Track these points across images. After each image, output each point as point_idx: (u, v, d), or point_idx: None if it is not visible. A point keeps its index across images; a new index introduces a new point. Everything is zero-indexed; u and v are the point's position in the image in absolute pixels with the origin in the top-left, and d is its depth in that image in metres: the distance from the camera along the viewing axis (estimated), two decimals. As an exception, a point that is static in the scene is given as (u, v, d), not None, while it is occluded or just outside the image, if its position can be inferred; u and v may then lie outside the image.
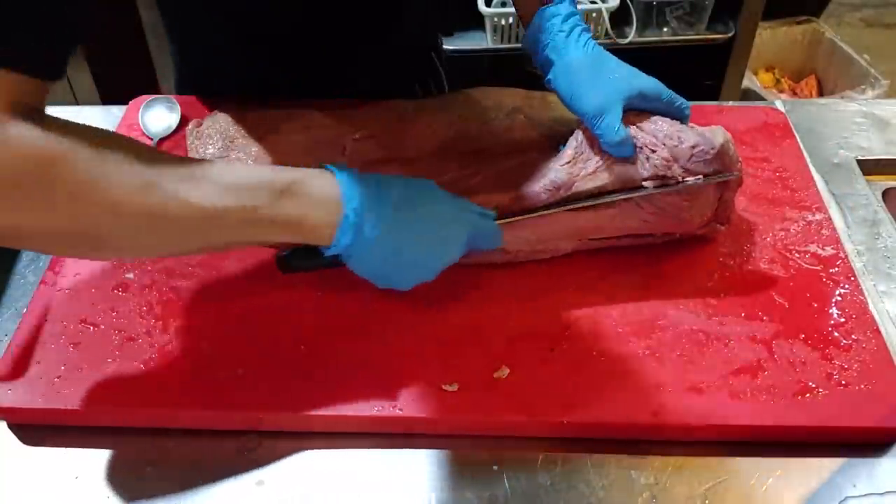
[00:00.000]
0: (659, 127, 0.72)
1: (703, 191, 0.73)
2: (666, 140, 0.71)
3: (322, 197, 0.61)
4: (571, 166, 0.73)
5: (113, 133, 0.57)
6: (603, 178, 0.72)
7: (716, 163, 0.72)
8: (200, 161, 0.59)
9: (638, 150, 0.72)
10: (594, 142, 0.73)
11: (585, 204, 0.72)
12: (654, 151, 0.71)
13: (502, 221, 0.70)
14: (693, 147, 0.71)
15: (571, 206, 0.72)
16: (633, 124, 0.73)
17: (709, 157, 0.71)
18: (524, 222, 0.72)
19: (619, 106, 0.72)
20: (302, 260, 0.68)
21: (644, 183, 0.72)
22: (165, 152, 0.59)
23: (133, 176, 0.54)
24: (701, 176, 0.71)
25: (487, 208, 0.70)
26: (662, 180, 0.71)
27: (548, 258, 0.76)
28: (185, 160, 0.59)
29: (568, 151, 0.74)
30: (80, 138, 0.53)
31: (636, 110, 0.74)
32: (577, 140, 0.74)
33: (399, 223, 0.63)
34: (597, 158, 0.73)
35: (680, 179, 0.71)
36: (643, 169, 0.71)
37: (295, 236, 0.61)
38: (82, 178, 0.52)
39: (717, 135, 0.72)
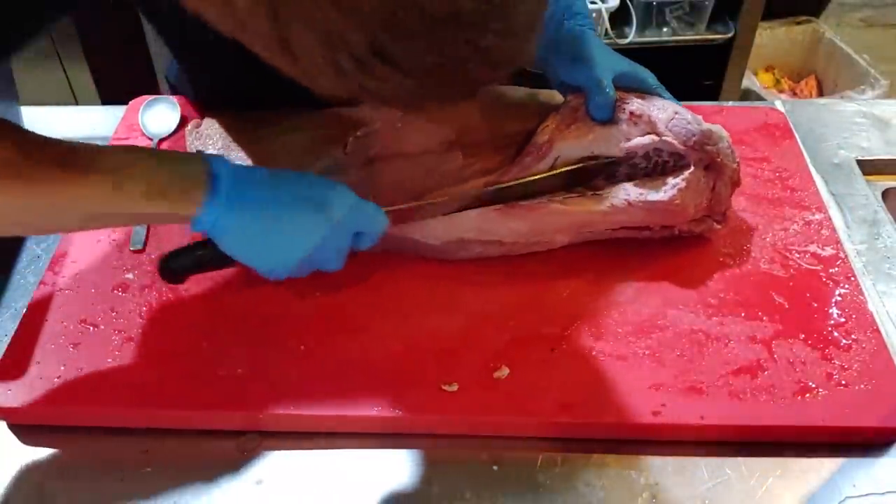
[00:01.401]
0: (653, 101, 0.76)
1: (693, 177, 0.73)
2: (653, 108, 0.75)
3: (189, 165, 0.61)
4: (554, 129, 0.76)
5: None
6: (586, 142, 0.74)
7: (700, 137, 0.73)
8: (82, 144, 0.59)
9: (624, 115, 0.75)
10: (579, 110, 0.76)
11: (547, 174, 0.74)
12: (639, 117, 0.74)
13: (388, 209, 0.69)
14: (676, 112, 0.74)
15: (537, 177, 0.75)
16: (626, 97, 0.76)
17: (691, 126, 0.73)
18: (518, 212, 0.72)
19: (610, 74, 0.75)
20: (182, 259, 0.69)
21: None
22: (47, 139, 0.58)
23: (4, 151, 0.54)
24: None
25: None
26: (642, 150, 0.74)
27: (548, 258, 0.76)
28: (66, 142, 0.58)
29: (553, 115, 0.77)
30: None
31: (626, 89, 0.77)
32: (564, 107, 0.77)
33: (263, 200, 0.62)
34: (580, 123, 0.75)
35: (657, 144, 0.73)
36: (628, 132, 0.74)
37: (158, 209, 0.60)
38: None
39: (714, 125, 0.75)
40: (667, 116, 0.74)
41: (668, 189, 0.73)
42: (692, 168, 0.73)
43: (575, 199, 0.74)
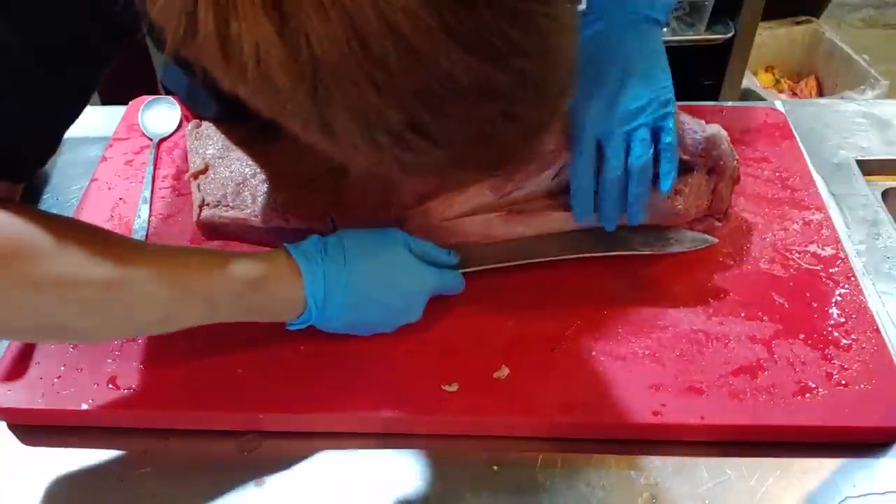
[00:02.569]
0: None
1: (696, 178, 0.73)
2: None
3: (285, 294, 0.63)
4: (560, 136, 0.73)
5: (81, 224, 0.59)
6: None
7: (706, 144, 0.73)
8: (167, 252, 0.60)
9: None
10: None
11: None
12: None
13: (465, 271, 0.72)
14: (682, 125, 0.73)
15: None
16: None
17: (696, 135, 0.73)
18: (521, 218, 0.72)
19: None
20: None
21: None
22: (132, 240, 0.61)
23: (97, 273, 0.55)
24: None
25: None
26: None
27: (548, 260, 0.76)
28: (153, 250, 0.60)
29: (560, 124, 0.74)
30: (44, 231, 0.53)
31: None
32: None
33: (361, 303, 0.65)
34: None
35: None
36: None
37: (255, 320, 0.65)
38: (41, 275, 0.53)
39: (713, 126, 0.74)
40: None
41: (672, 195, 0.73)
42: (695, 173, 0.73)
43: None
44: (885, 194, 0.90)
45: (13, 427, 0.67)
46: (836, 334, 0.70)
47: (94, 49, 0.55)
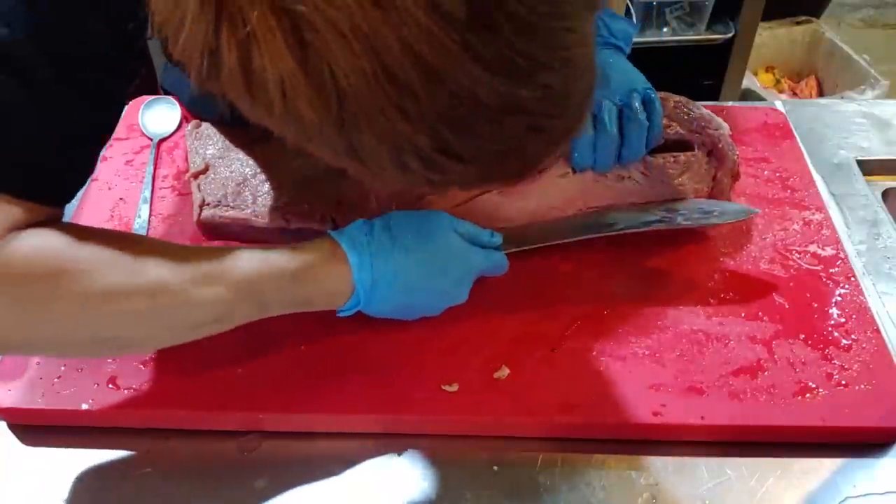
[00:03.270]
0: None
1: (696, 158, 0.73)
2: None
3: (332, 284, 0.63)
4: None
5: (122, 234, 0.59)
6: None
7: (701, 120, 0.74)
8: (210, 253, 0.60)
9: None
10: None
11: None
12: None
13: (509, 251, 0.71)
14: (677, 101, 0.75)
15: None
16: None
17: (692, 112, 0.75)
18: (520, 191, 0.73)
19: (617, 96, 0.75)
20: None
21: None
22: (173, 245, 0.60)
23: (142, 282, 0.55)
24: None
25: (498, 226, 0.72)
26: None
27: (548, 258, 0.76)
28: (196, 252, 0.60)
29: None
30: (88, 245, 0.54)
31: None
32: None
33: (410, 287, 0.65)
34: None
35: None
36: None
37: (305, 310, 0.64)
38: (88, 290, 0.53)
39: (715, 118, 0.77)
40: (668, 106, 0.76)
41: (672, 162, 0.73)
42: (695, 150, 0.74)
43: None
44: (885, 194, 0.90)
45: (13, 427, 0.67)
46: (836, 334, 0.70)
47: (120, 66, 0.55)
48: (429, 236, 0.65)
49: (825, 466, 0.63)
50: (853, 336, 0.69)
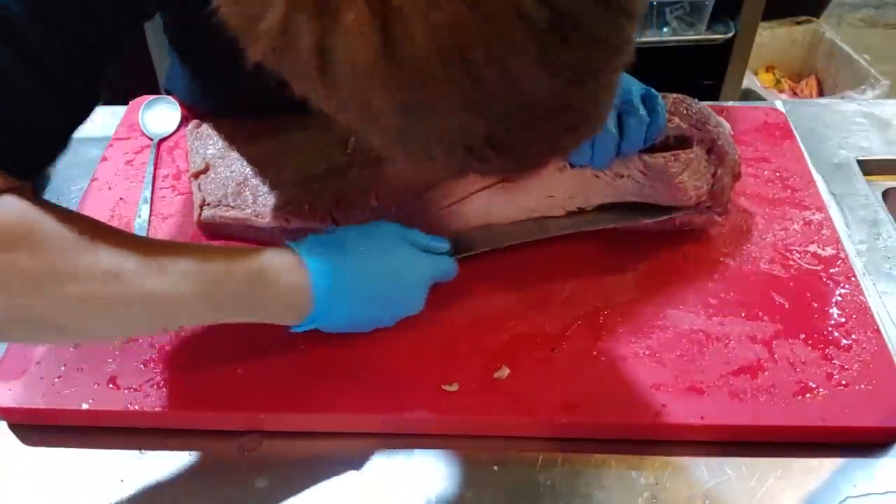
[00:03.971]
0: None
1: (695, 155, 0.74)
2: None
3: (288, 290, 0.62)
4: None
5: (84, 216, 0.57)
6: None
7: (700, 115, 0.74)
8: (167, 245, 0.59)
9: None
10: None
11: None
12: None
13: (459, 257, 0.72)
14: (675, 97, 0.75)
15: None
16: None
17: (691, 107, 0.74)
18: (521, 187, 0.73)
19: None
20: None
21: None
22: (134, 235, 0.60)
23: (95, 266, 0.54)
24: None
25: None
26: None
27: (548, 258, 0.76)
28: (153, 245, 0.59)
29: None
30: (46, 219, 0.53)
31: None
32: None
33: (364, 296, 0.65)
34: None
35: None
36: None
37: (259, 320, 0.63)
38: (40, 269, 0.52)
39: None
40: (668, 101, 0.76)
41: (672, 161, 0.73)
42: (694, 147, 0.74)
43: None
44: (886, 194, 0.90)
45: (13, 427, 0.67)
46: (836, 334, 0.70)
47: (105, 37, 0.55)
48: (378, 244, 0.66)
49: (825, 466, 0.63)
50: (853, 336, 0.69)
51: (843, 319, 0.71)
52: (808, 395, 0.65)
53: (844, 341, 0.69)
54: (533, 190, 0.74)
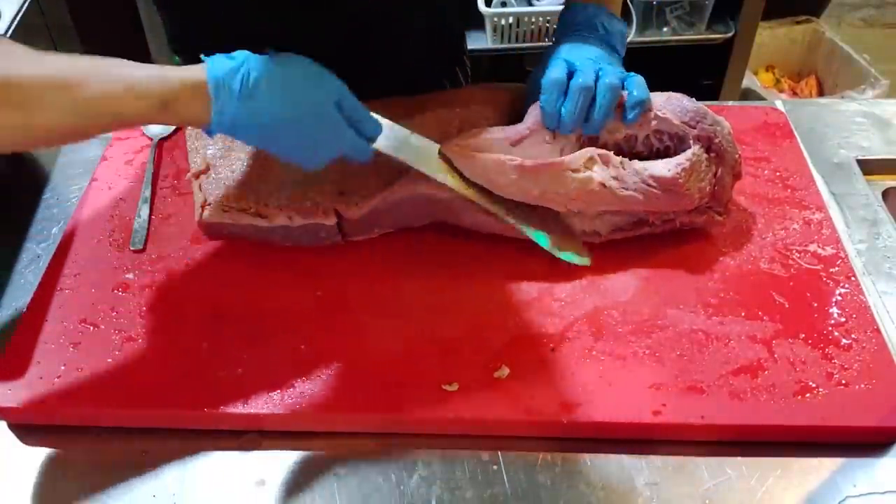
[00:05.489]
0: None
1: (696, 158, 0.74)
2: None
3: (189, 72, 0.62)
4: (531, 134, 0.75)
5: None
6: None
7: (694, 113, 0.74)
8: (77, 62, 0.59)
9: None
10: None
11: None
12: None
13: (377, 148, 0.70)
14: (670, 95, 0.75)
15: None
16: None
17: (685, 104, 0.74)
18: (530, 172, 0.73)
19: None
20: None
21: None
22: (44, 52, 0.59)
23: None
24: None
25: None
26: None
27: (549, 258, 0.75)
28: (62, 61, 0.59)
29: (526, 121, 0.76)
30: None
31: None
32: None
33: (266, 102, 0.63)
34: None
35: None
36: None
37: (174, 115, 0.62)
38: None
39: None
40: (661, 99, 0.75)
41: (673, 167, 0.73)
42: (693, 147, 0.74)
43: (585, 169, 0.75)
44: (886, 194, 0.90)
45: (13, 427, 0.67)
46: (836, 334, 0.70)
47: None
48: (309, 93, 0.65)
49: (825, 466, 0.63)
50: (853, 335, 0.69)
51: (843, 319, 0.71)
52: (808, 395, 0.65)
53: (844, 341, 0.69)
54: (540, 180, 0.73)
